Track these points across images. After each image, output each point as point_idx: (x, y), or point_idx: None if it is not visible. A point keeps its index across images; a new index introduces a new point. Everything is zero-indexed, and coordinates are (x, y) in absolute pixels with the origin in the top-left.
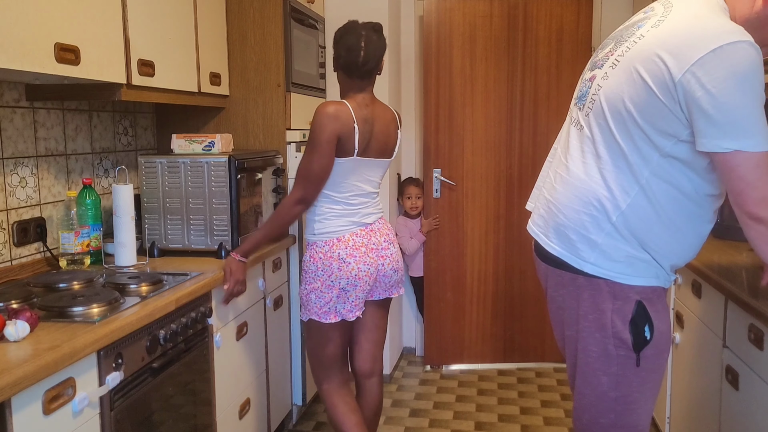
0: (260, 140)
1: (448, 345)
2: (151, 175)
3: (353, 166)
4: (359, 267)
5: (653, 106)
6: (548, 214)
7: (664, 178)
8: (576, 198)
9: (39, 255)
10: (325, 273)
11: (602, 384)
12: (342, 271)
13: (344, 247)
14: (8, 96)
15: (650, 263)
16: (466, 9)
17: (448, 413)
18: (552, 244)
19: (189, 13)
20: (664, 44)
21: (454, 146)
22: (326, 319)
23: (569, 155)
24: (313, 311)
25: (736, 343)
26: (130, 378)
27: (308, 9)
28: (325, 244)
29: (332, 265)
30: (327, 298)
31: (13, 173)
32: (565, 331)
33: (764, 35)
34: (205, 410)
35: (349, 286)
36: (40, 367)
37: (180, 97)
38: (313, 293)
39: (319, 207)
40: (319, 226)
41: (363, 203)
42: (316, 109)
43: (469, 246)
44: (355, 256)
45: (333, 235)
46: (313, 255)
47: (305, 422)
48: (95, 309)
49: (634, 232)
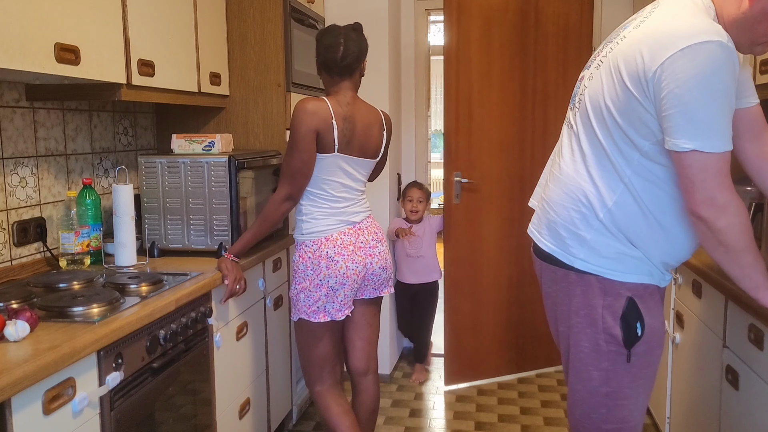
0: (260, 140)
1: (467, 361)
2: (151, 175)
3: (335, 162)
4: (347, 265)
5: (630, 106)
6: (542, 212)
7: (646, 177)
8: (565, 195)
9: (39, 255)
10: (314, 272)
11: (593, 379)
12: (330, 270)
13: (332, 245)
14: (8, 96)
15: (641, 260)
16: (482, 1)
17: (449, 413)
18: (544, 241)
19: (189, 13)
20: (639, 43)
21: (472, 148)
22: (315, 319)
23: (561, 154)
24: (302, 311)
25: (736, 343)
26: (130, 378)
27: (308, 9)
28: (313, 243)
29: (321, 264)
30: (316, 297)
31: (13, 173)
32: (559, 326)
33: (753, 35)
34: (205, 410)
35: (338, 285)
36: (40, 367)
37: (180, 97)
38: (302, 293)
39: (306, 207)
40: (307, 225)
41: (349, 201)
42: (296, 105)
43: (485, 252)
44: (344, 255)
45: (321, 234)
46: (302, 255)
47: (305, 422)
48: (95, 309)
49: (622, 229)
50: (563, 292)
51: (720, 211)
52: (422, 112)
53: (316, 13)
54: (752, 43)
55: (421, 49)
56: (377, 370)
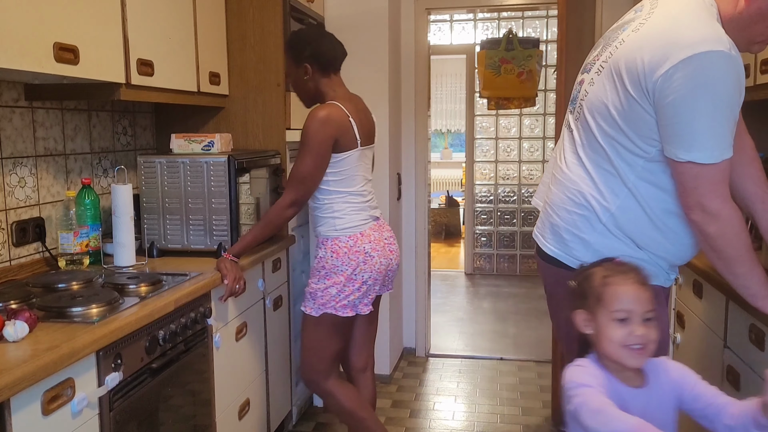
0: (260, 140)
1: None
2: (150, 174)
3: (358, 156)
4: (381, 261)
5: (635, 112)
6: (545, 215)
7: (651, 182)
8: (568, 199)
9: (38, 255)
10: (350, 267)
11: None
12: (367, 265)
13: (368, 241)
14: (7, 96)
15: (645, 262)
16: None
17: (448, 413)
18: (548, 245)
19: (188, 12)
20: (641, 50)
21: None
22: (343, 313)
23: (563, 158)
24: (329, 305)
25: (737, 343)
26: (129, 378)
27: (308, 9)
28: (349, 239)
29: (357, 258)
30: (348, 291)
31: (12, 173)
32: (563, 329)
33: (749, 34)
34: (205, 411)
35: (371, 280)
36: (39, 368)
37: (179, 96)
38: (335, 287)
39: (337, 204)
40: (340, 222)
41: (370, 195)
42: (309, 113)
43: None
44: (378, 250)
45: (357, 229)
46: (335, 250)
47: (305, 422)
48: (94, 309)
49: (627, 232)
50: (566, 294)
51: (711, 218)
52: (422, 112)
53: (316, 12)
54: (749, 42)
55: (421, 49)
56: (374, 366)
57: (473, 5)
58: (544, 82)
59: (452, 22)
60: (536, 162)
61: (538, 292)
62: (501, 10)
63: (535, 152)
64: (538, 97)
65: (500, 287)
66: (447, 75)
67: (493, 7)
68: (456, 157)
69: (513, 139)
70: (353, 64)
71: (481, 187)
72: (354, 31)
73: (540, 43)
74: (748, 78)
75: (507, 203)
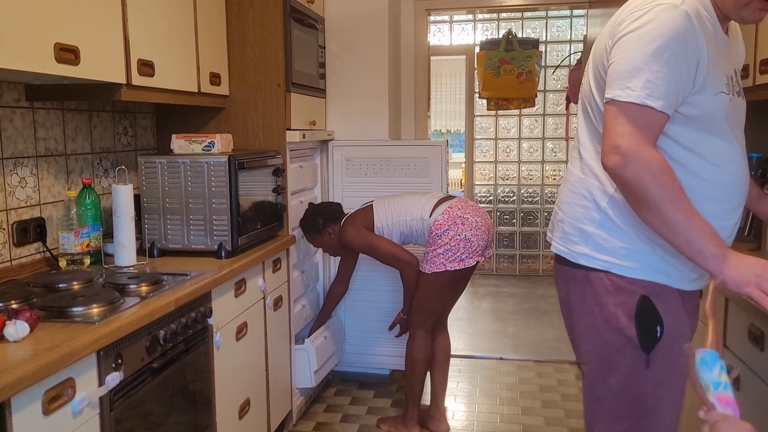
0: (260, 140)
1: None
2: (150, 175)
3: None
4: (476, 219)
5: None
6: (554, 215)
7: None
8: (570, 193)
9: (39, 255)
10: (452, 229)
11: (611, 386)
12: (465, 225)
13: (458, 209)
14: (8, 96)
15: (650, 255)
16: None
17: (448, 413)
18: (554, 242)
19: (189, 13)
20: (613, 22)
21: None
22: (452, 267)
23: (571, 156)
24: (438, 264)
25: (737, 343)
26: (129, 378)
27: (308, 9)
28: (443, 213)
29: (456, 222)
30: (455, 249)
31: (13, 173)
32: (574, 331)
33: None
34: (205, 410)
35: (473, 236)
36: (39, 368)
37: (180, 97)
38: (442, 248)
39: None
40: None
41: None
42: (346, 231)
43: None
44: (470, 213)
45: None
46: (440, 221)
47: (305, 422)
48: (95, 309)
49: (628, 219)
50: (576, 293)
51: (625, 160)
52: (422, 112)
53: (316, 13)
54: (736, 6)
55: (421, 49)
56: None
57: (473, 6)
58: (544, 82)
59: (452, 22)
60: (536, 162)
61: (538, 292)
62: (501, 11)
63: (534, 153)
64: (537, 98)
65: (500, 287)
66: (447, 76)
67: (492, 8)
68: (455, 157)
69: (512, 140)
70: (353, 65)
71: (480, 187)
72: (354, 32)
73: (539, 44)
74: (747, 78)
75: (506, 203)
